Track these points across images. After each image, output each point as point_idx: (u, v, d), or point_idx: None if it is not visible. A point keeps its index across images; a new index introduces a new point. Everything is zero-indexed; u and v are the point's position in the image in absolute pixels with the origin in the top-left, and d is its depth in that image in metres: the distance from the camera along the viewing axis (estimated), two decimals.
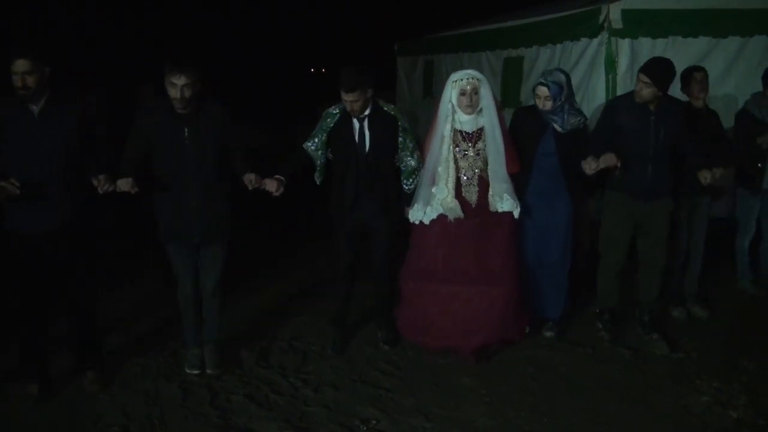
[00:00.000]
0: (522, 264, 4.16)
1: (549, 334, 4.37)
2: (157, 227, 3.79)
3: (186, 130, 3.58)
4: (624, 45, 5.43)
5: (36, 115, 3.37)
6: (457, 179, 4.03)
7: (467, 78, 3.94)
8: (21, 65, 3.25)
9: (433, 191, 4.02)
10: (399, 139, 4.00)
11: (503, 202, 3.98)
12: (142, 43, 16.44)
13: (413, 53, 9.86)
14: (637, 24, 5.45)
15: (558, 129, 4.11)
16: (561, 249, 4.26)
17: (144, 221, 3.93)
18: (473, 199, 4.04)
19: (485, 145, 4.02)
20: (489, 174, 4.01)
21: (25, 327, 3.63)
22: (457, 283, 3.96)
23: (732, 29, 5.60)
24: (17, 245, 3.46)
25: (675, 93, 4.74)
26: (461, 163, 4.03)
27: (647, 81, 3.95)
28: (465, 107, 3.94)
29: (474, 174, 4.03)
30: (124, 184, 3.43)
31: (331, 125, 3.99)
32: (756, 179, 4.73)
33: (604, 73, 5.45)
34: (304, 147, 4.06)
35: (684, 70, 4.53)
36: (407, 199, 4.13)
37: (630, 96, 4.16)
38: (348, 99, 3.80)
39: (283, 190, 3.82)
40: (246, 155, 3.77)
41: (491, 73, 7.32)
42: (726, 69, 5.43)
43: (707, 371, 3.90)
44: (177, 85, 3.45)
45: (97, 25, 16.13)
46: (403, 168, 4.10)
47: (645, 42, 5.48)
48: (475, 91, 3.93)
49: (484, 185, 4.05)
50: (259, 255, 6.24)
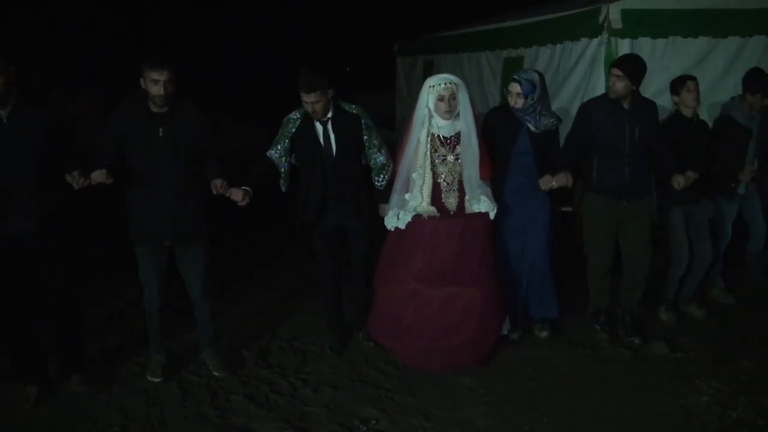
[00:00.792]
0: (501, 265, 4.13)
1: (544, 334, 4.36)
2: (129, 228, 3.71)
3: (161, 129, 3.52)
4: (624, 45, 5.43)
5: (5, 119, 3.28)
6: (437, 185, 3.96)
7: (445, 83, 3.86)
8: None
9: (406, 197, 3.95)
10: (364, 138, 3.93)
11: (480, 203, 3.93)
12: (142, 43, 16.44)
13: (413, 53, 9.86)
14: (637, 24, 5.46)
15: (532, 129, 4.10)
16: (542, 247, 4.24)
17: (122, 222, 3.87)
18: (453, 206, 3.97)
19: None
20: (464, 180, 3.94)
21: (14, 331, 3.58)
22: (433, 285, 3.89)
23: (732, 29, 5.61)
24: None
25: (665, 100, 4.75)
26: (440, 169, 3.96)
27: (620, 74, 3.96)
28: (443, 113, 3.87)
29: (454, 179, 3.96)
30: (98, 175, 3.34)
31: (293, 131, 3.90)
32: (733, 185, 4.66)
33: (604, 73, 5.44)
34: (267, 155, 3.96)
35: (676, 78, 4.50)
36: (382, 196, 4.06)
37: (604, 96, 4.17)
38: (309, 100, 3.72)
39: (249, 200, 3.69)
40: (218, 159, 3.69)
41: (491, 73, 7.33)
42: (726, 69, 5.44)
43: (707, 371, 3.90)
44: (160, 81, 3.42)
45: (97, 25, 16.13)
46: (372, 165, 4.03)
47: (645, 42, 5.48)
48: (453, 96, 3.86)
49: (464, 191, 3.98)
50: (259, 255, 6.25)
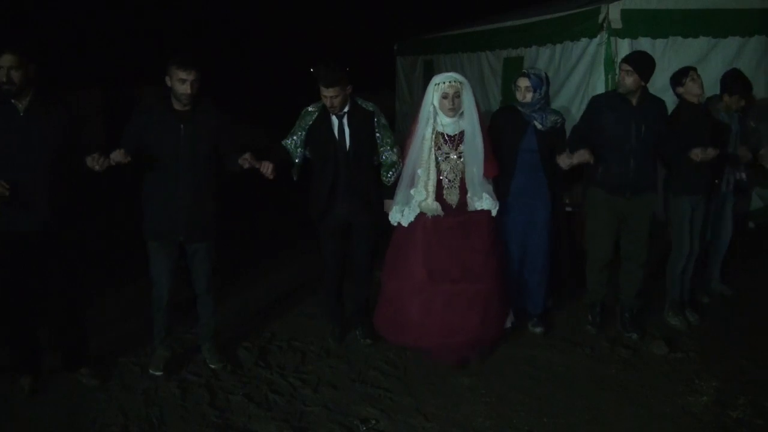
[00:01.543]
0: (503, 261, 4.17)
1: (537, 329, 4.39)
2: (142, 223, 3.79)
3: (182, 127, 3.62)
4: (624, 45, 5.44)
5: (21, 113, 3.37)
6: (439, 182, 4.02)
7: (449, 81, 3.93)
8: (7, 59, 3.27)
9: (412, 193, 4.01)
10: (377, 135, 4.03)
11: (482, 201, 4.00)
12: (142, 43, 16.45)
13: (413, 53, 9.87)
14: (637, 24, 5.47)
15: (538, 126, 4.16)
16: (543, 245, 4.29)
17: (136, 219, 3.92)
18: (454, 202, 4.01)
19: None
20: (467, 178, 4.00)
21: (13, 324, 3.63)
22: (438, 283, 3.94)
23: (732, 29, 5.62)
24: (0, 243, 3.44)
25: (666, 100, 4.74)
26: (443, 166, 4.02)
27: (629, 69, 4.02)
28: (447, 110, 3.94)
29: (456, 176, 4.02)
30: (116, 155, 3.42)
31: (310, 123, 4.01)
32: (716, 181, 4.63)
33: (603, 73, 5.46)
34: (283, 144, 4.07)
35: (677, 71, 4.51)
36: (388, 192, 4.14)
37: (612, 92, 4.22)
38: (328, 94, 3.82)
39: (276, 174, 3.79)
40: (240, 152, 3.77)
41: (491, 73, 7.33)
42: (726, 69, 5.42)
43: (706, 371, 3.90)
44: (187, 81, 3.53)
45: (98, 25, 16.14)
46: (383, 162, 4.12)
47: (645, 42, 5.49)
48: (457, 95, 3.92)
49: (465, 188, 4.03)
50: (258, 254, 6.25)
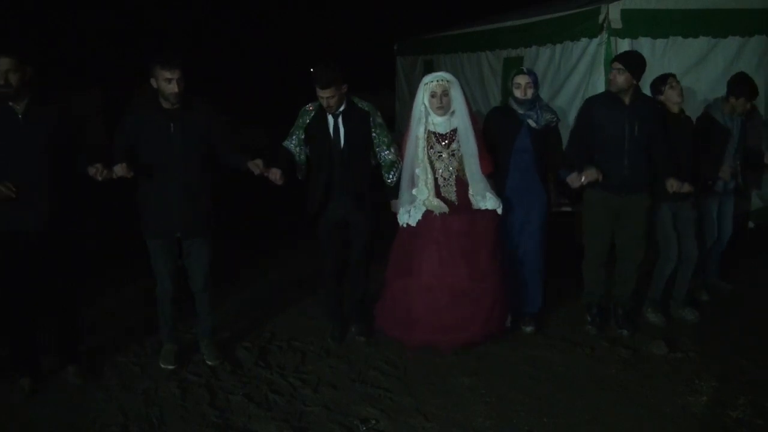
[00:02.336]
0: (505, 261, 4.21)
1: (529, 329, 4.41)
2: (140, 222, 3.83)
3: (172, 125, 3.66)
4: (624, 45, 5.43)
5: (20, 116, 3.40)
6: (434, 180, 4.08)
7: (437, 80, 4.01)
8: (4, 63, 3.29)
9: (414, 193, 4.07)
10: (372, 135, 4.06)
11: (486, 200, 4.04)
12: (142, 43, 16.44)
13: (413, 53, 9.86)
14: (637, 24, 5.46)
15: (533, 125, 4.20)
16: (536, 244, 4.32)
17: (134, 218, 3.94)
18: (453, 198, 4.08)
19: (459, 146, 4.07)
20: (467, 175, 4.06)
21: (14, 324, 3.65)
22: (445, 281, 3.99)
23: (732, 29, 5.61)
24: (1, 244, 3.46)
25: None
26: (437, 164, 4.09)
27: (620, 67, 4.06)
28: (436, 109, 4.01)
29: (450, 174, 4.09)
30: (119, 169, 3.50)
31: (308, 122, 4.08)
32: (710, 183, 4.66)
33: (603, 73, 5.45)
34: (284, 145, 4.13)
35: (656, 78, 4.50)
36: (392, 192, 4.17)
37: (605, 93, 4.25)
38: (324, 95, 3.87)
39: (284, 180, 3.86)
40: (240, 146, 3.85)
41: (491, 73, 7.33)
42: (726, 69, 5.43)
43: (706, 371, 3.90)
44: (173, 80, 3.57)
45: (97, 24, 16.14)
46: (382, 162, 4.15)
47: (645, 42, 5.49)
48: (445, 93, 3.99)
49: (461, 185, 4.10)
50: (258, 254, 6.24)
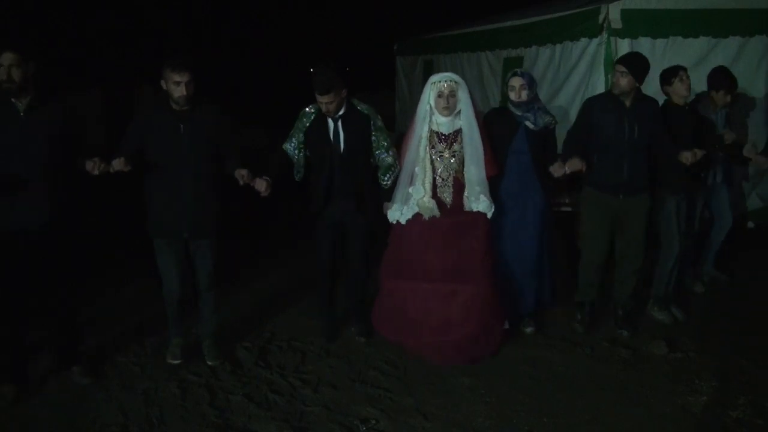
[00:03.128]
0: (498, 263, 4.18)
1: (529, 329, 4.39)
2: (147, 221, 3.84)
3: (182, 126, 3.68)
4: (624, 45, 5.44)
5: (22, 113, 3.40)
6: (433, 180, 4.08)
7: (445, 80, 4.01)
8: (7, 58, 3.30)
9: (410, 191, 4.07)
10: (372, 138, 4.07)
11: (479, 202, 4.03)
12: (142, 43, 16.44)
13: (413, 53, 9.86)
14: (637, 24, 5.47)
15: (530, 126, 4.19)
16: (534, 246, 4.30)
17: (136, 218, 3.96)
18: (448, 200, 4.10)
19: (461, 147, 4.07)
20: (465, 176, 4.06)
21: (2, 326, 3.58)
22: (434, 282, 3.99)
23: (732, 29, 5.61)
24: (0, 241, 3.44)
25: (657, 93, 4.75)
26: (437, 164, 4.09)
27: (624, 70, 4.05)
28: (442, 109, 4.01)
29: (449, 175, 4.09)
30: (117, 163, 3.51)
31: (308, 125, 4.08)
32: (702, 175, 4.71)
33: (603, 73, 5.46)
34: (283, 148, 4.15)
35: (667, 68, 4.52)
36: (386, 195, 4.17)
37: (606, 94, 4.25)
38: (323, 101, 3.88)
39: (270, 190, 3.85)
40: (239, 155, 3.85)
41: (491, 73, 7.33)
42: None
43: (706, 371, 3.90)
44: (181, 83, 3.59)
45: (97, 24, 16.14)
46: (380, 165, 4.15)
47: (645, 42, 5.49)
48: (452, 94, 3.99)
49: (458, 187, 4.10)
50: (258, 254, 6.24)
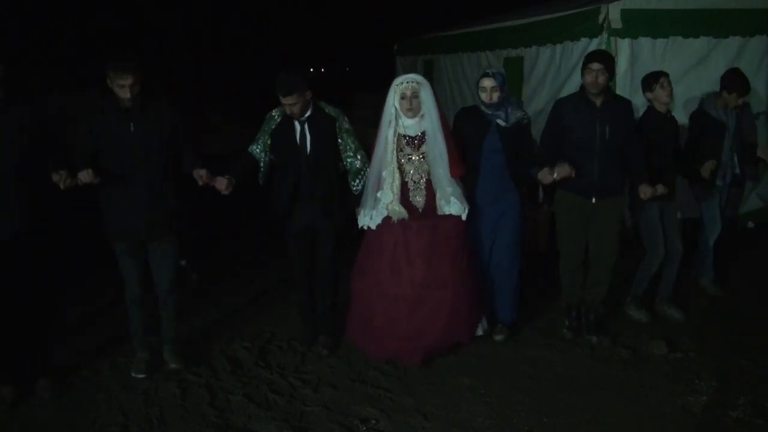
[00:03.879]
0: (473, 267, 4.12)
1: (499, 337, 4.29)
2: (104, 225, 3.74)
3: (132, 125, 3.59)
4: (624, 45, 5.44)
5: None
6: (404, 184, 4.00)
7: (407, 82, 3.94)
8: None
9: (378, 195, 3.99)
10: (339, 140, 3.99)
11: (450, 205, 3.95)
12: (142, 43, 16.44)
13: (413, 53, 9.87)
14: (637, 24, 5.47)
15: (502, 124, 4.10)
16: (509, 248, 4.23)
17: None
18: (421, 204, 4.00)
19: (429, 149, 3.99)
20: (433, 179, 3.98)
21: None
22: (404, 287, 3.92)
23: (732, 29, 5.62)
24: None
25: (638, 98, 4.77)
26: (407, 168, 4.01)
27: (601, 67, 3.98)
28: (406, 111, 3.94)
29: (421, 178, 4.01)
30: (84, 175, 3.40)
31: (273, 127, 4.01)
32: (708, 177, 4.68)
33: None
34: (249, 150, 4.06)
35: (648, 74, 4.51)
36: (357, 200, 4.09)
37: (576, 95, 4.19)
38: (287, 102, 3.82)
39: (232, 189, 3.80)
40: (198, 155, 3.78)
41: None
42: (726, 69, 5.44)
43: (706, 371, 3.90)
44: (125, 86, 3.50)
45: (97, 24, 16.15)
46: (349, 169, 4.07)
47: (645, 42, 5.49)
48: (415, 95, 3.91)
49: (431, 189, 4.00)
50: (258, 254, 6.24)
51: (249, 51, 19.69)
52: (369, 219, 4.02)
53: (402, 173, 4.00)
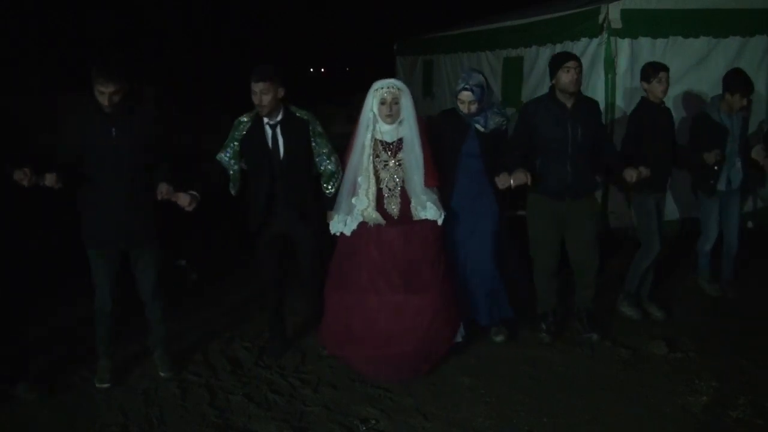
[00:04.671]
0: (451, 272, 4.04)
1: (499, 338, 4.28)
2: (81, 231, 3.68)
3: (113, 129, 3.55)
4: (624, 45, 5.44)
5: None
6: (379, 190, 3.94)
7: (387, 87, 3.86)
8: None
9: (353, 201, 3.91)
10: (312, 144, 3.94)
11: (426, 210, 3.88)
12: (142, 43, 16.46)
13: (413, 53, 9.88)
14: (637, 24, 5.47)
15: (480, 129, 4.09)
16: (489, 252, 4.18)
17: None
18: (396, 212, 3.93)
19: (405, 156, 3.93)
20: (408, 186, 3.91)
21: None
22: (381, 294, 3.81)
23: (732, 29, 5.62)
24: None
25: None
26: (382, 174, 3.93)
27: (577, 65, 3.99)
28: (385, 116, 3.87)
29: (396, 185, 3.94)
30: (49, 179, 3.37)
31: (243, 133, 3.91)
32: (711, 182, 4.71)
33: (603, 74, 5.47)
34: (217, 158, 3.96)
35: (648, 64, 4.50)
36: (330, 203, 4.01)
37: (545, 97, 4.16)
38: (257, 89, 3.72)
39: (196, 205, 3.68)
40: (169, 166, 3.70)
41: (491, 73, 7.33)
42: (726, 69, 5.42)
43: (706, 371, 3.90)
44: (105, 93, 3.46)
45: (97, 24, 16.15)
46: (322, 173, 4.01)
47: (645, 42, 5.50)
48: (395, 101, 3.85)
49: (406, 197, 3.94)
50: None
51: (249, 51, 19.68)
52: (343, 225, 3.91)
53: (377, 180, 3.92)
